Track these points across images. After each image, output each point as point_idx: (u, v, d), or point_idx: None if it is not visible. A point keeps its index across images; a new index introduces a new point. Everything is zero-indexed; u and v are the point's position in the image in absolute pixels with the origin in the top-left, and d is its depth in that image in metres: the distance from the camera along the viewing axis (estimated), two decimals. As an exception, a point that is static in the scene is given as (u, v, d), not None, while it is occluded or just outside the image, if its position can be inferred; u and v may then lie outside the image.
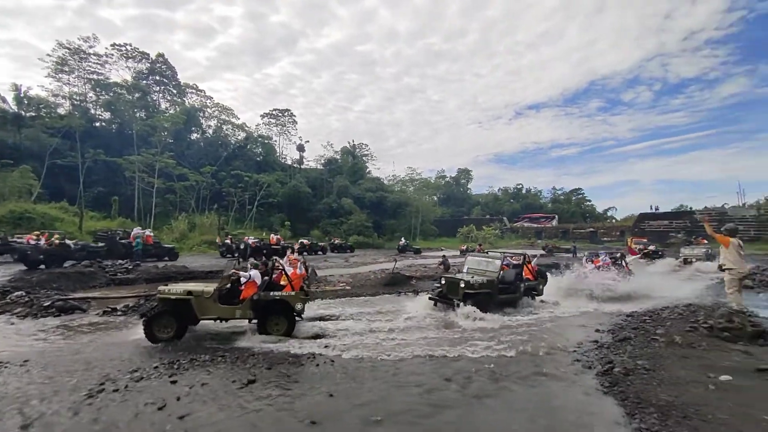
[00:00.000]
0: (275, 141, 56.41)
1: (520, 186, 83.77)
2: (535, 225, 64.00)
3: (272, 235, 25.46)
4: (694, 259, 19.33)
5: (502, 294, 8.70)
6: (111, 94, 37.88)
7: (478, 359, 5.45)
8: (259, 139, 52.53)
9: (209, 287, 6.40)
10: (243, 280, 6.53)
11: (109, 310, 8.31)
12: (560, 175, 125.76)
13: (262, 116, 55.38)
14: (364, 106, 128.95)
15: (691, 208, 53.85)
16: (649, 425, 3.38)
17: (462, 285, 8.17)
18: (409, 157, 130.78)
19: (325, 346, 5.89)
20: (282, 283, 7.05)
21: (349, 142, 61.74)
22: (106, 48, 40.13)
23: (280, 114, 55.52)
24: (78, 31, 75.93)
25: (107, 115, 39.78)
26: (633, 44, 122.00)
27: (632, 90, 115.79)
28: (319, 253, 28.22)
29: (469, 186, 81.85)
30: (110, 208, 30.79)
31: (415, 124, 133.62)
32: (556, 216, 68.19)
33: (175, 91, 46.79)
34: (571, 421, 3.64)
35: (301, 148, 55.88)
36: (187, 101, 47.67)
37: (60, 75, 36.25)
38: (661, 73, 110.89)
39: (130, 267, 13.94)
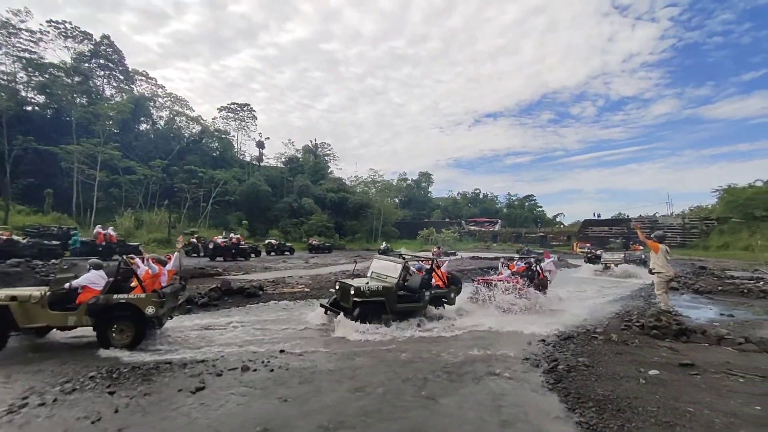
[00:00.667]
0: (233, 136, 54.35)
1: (478, 191, 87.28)
2: (481, 228, 66.77)
3: (231, 234, 24.65)
4: (613, 264, 20.77)
5: (401, 302, 7.70)
6: (46, 75, 34.30)
7: (430, 360, 5.56)
8: (216, 133, 50.26)
9: (38, 291, 5.71)
10: (71, 285, 5.78)
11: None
12: (515, 181, 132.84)
13: (220, 109, 53.15)
14: (327, 105, 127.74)
15: (627, 216, 59.09)
16: (587, 419, 3.63)
17: (352, 292, 7.16)
18: (371, 159, 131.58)
19: (281, 351, 5.73)
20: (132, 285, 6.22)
21: (311, 141, 60.96)
22: (41, 24, 36.34)
23: (238, 108, 53.52)
24: (7, 3, 68.14)
25: (41, 98, 36.07)
26: (580, 63, 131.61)
27: (579, 105, 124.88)
28: (286, 253, 28.13)
29: (429, 189, 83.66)
30: (42, 202, 27.93)
31: (378, 125, 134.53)
32: (499, 221, 71.56)
33: (122, 77, 43.53)
34: (519, 418, 3.81)
35: (260, 145, 54.20)
36: (135, 89, 44.55)
37: (-18, 51, 32.34)
38: (604, 91, 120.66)
39: (65, 267, 12.69)
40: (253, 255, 23.71)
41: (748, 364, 5.07)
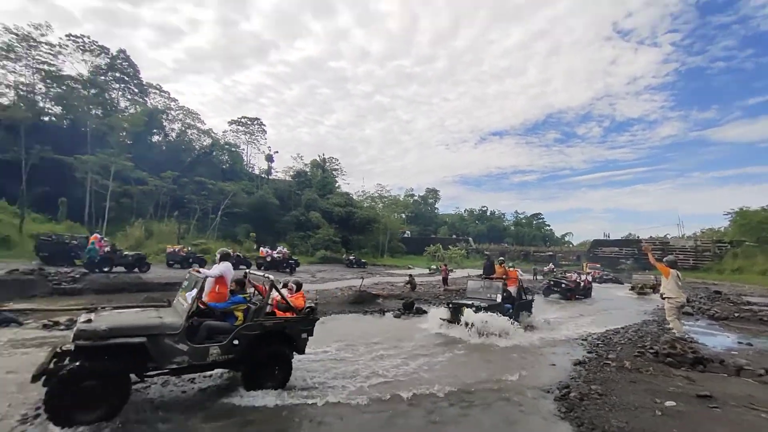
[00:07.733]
0: (243, 150, 55.23)
1: (485, 208, 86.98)
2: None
3: (279, 248, 26.29)
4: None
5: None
6: (64, 87, 35.17)
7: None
8: (226, 146, 51.15)
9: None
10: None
11: (51, 323, 7.60)
12: (521, 199, 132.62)
13: (230, 123, 54.23)
14: (335, 121, 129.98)
15: (638, 237, 58.16)
16: (603, 452, 3.53)
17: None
18: (378, 174, 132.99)
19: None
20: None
21: (319, 156, 61.67)
22: (60, 38, 37.34)
23: (249, 122, 54.54)
24: (29, 17, 70.48)
25: (58, 109, 37.02)
26: (584, 84, 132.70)
27: (584, 125, 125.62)
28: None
29: (436, 206, 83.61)
30: (56, 211, 28.44)
31: (385, 142, 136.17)
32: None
33: (136, 90, 44.69)
34: (532, 448, 3.73)
35: (269, 159, 54.96)
36: (149, 102, 45.70)
37: (4, 62, 33.22)
38: (610, 112, 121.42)
39: (77, 276, 12.86)
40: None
41: (769, 397, 4.92)
